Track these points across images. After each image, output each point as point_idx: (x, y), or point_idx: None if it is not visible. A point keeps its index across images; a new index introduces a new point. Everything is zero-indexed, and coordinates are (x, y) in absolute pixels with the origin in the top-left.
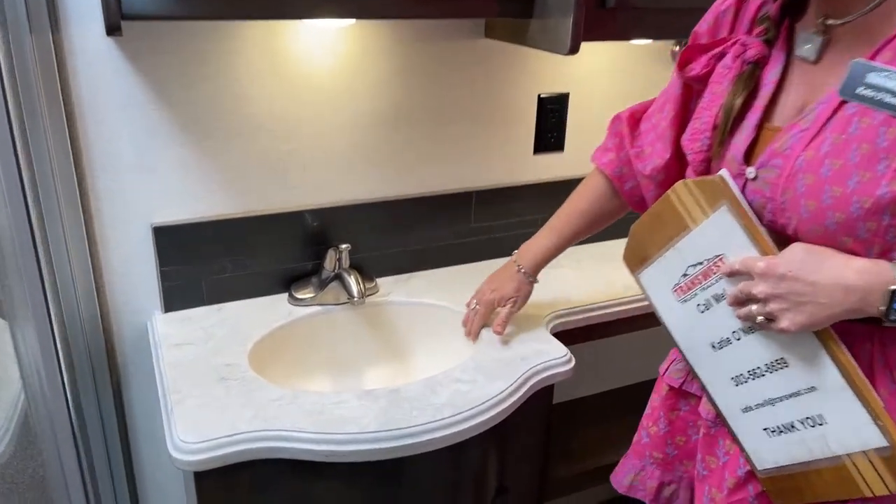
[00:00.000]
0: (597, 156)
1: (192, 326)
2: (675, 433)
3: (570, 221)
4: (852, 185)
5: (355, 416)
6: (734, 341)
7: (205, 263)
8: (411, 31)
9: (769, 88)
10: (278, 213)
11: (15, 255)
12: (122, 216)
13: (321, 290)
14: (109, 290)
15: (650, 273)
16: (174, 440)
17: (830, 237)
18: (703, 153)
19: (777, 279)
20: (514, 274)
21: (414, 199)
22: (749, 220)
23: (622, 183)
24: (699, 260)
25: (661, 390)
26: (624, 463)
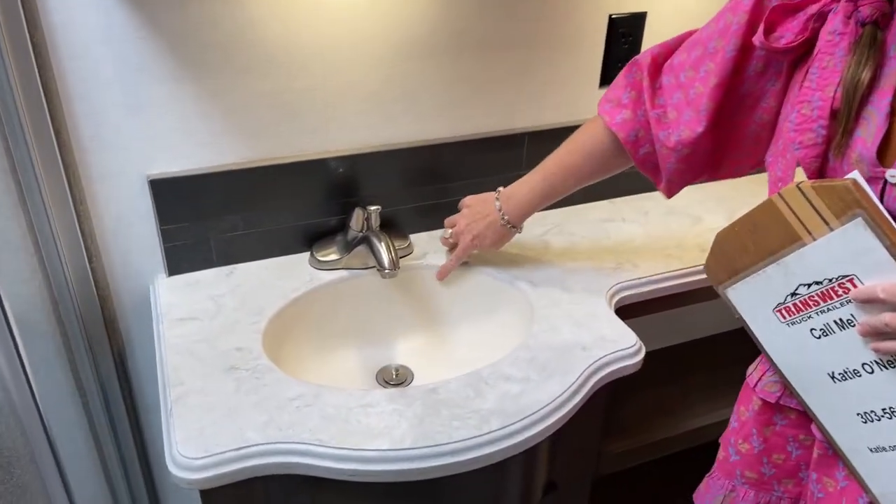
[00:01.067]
0: (607, 109)
1: (199, 294)
2: (771, 451)
3: (564, 176)
4: None
5: (386, 425)
6: (865, 374)
7: (212, 220)
8: None
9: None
10: (296, 162)
11: None
12: (112, 168)
13: (347, 253)
14: (104, 254)
15: (742, 289)
16: (173, 454)
17: None
18: (818, 147)
19: None
20: (497, 224)
21: (455, 143)
22: (893, 236)
23: (636, 147)
24: (817, 279)
25: (750, 403)
26: (709, 483)
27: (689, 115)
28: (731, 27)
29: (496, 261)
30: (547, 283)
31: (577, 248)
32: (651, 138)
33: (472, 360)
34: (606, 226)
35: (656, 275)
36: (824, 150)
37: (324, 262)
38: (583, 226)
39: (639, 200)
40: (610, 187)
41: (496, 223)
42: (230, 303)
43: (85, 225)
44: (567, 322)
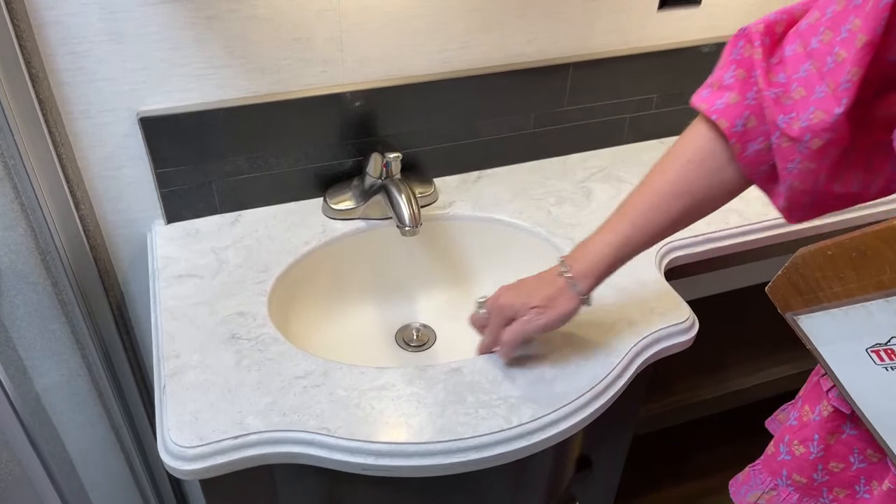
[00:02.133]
0: (704, 96)
1: (200, 245)
2: (830, 458)
3: (653, 209)
4: None
5: (402, 413)
6: None
7: (214, 162)
8: None
9: None
10: (307, 97)
11: None
12: (96, 105)
13: (364, 202)
14: (94, 199)
15: (824, 320)
16: (165, 441)
17: None
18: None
19: None
20: (553, 279)
21: (487, 75)
22: None
23: (744, 142)
24: None
25: (818, 406)
26: (750, 475)
27: (822, 92)
28: None
29: (530, 212)
30: None
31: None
32: (766, 129)
33: None
34: None
35: (713, 232)
36: None
37: (338, 210)
38: (631, 170)
39: None
40: (659, 125)
41: (552, 277)
42: (233, 258)
43: (69, 169)
44: (610, 289)
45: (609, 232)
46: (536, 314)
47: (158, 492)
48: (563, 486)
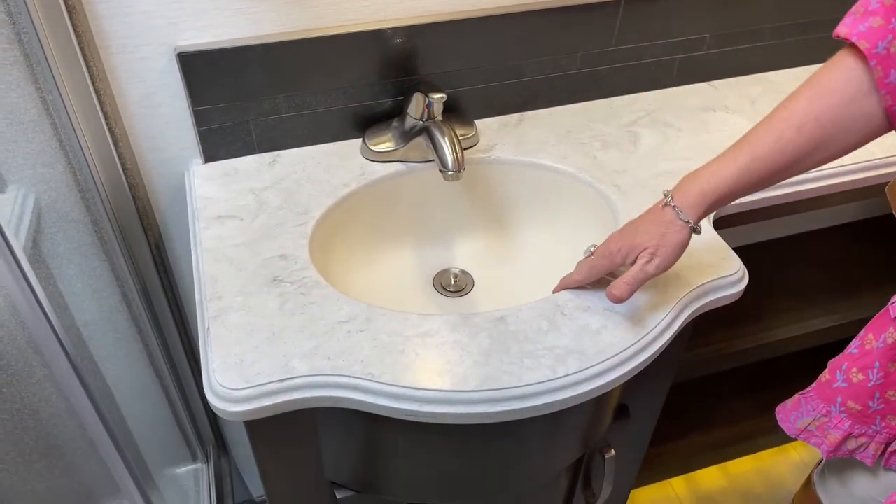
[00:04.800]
0: (847, 24)
1: (238, 186)
2: (889, 386)
3: (778, 139)
4: None
5: (447, 361)
6: None
7: (252, 101)
8: None
9: None
10: (346, 33)
11: None
12: (134, 40)
13: (404, 144)
14: (132, 136)
15: None
16: (211, 381)
17: None
18: None
19: None
20: (659, 213)
21: (534, 12)
22: None
23: (886, 67)
24: None
25: (883, 334)
26: (801, 401)
27: None
28: None
29: (574, 157)
30: (635, 187)
31: (673, 144)
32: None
33: (540, 272)
34: (706, 116)
35: None
36: None
37: (378, 152)
38: (679, 114)
39: (745, 84)
40: (710, 67)
41: (658, 212)
42: (273, 199)
43: (107, 105)
44: None
45: (726, 161)
46: (648, 257)
47: (196, 424)
48: (600, 434)
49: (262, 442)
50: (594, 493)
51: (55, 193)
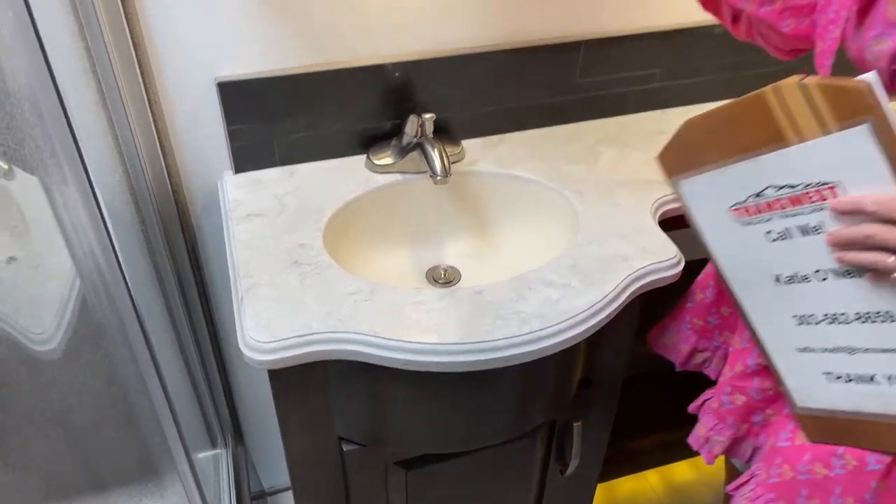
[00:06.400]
0: None
1: (263, 192)
2: (721, 303)
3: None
4: None
5: (435, 322)
6: (815, 280)
7: (276, 122)
8: None
9: None
10: (355, 67)
11: (41, 110)
12: (183, 70)
13: (401, 158)
14: (176, 149)
15: (700, 182)
16: (245, 337)
17: None
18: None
19: None
20: None
21: (509, 51)
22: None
23: None
24: (791, 182)
25: None
26: (663, 324)
27: None
28: None
29: (544, 169)
30: (594, 193)
31: (628, 160)
32: None
33: (517, 265)
34: (658, 137)
35: None
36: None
37: (379, 165)
38: (635, 137)
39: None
40: (661, 97)
41: None
42: (292, 202)
43: (159, 122)
44: (611, 233)
45: None
46: None
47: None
48: (567, 400)
49: (283, 394)
50: (566, 463)
51: (111, 198)
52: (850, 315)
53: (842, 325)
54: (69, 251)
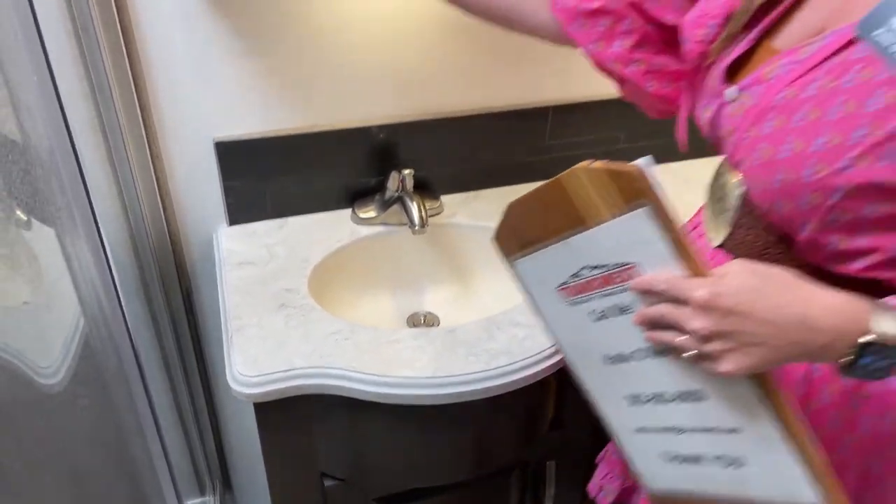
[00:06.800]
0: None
1: (255, 243)
2: None
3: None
4: (817, 145)
5: (410, 357)
6: (635, 360)
7: (268, 178)
8: None
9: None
10: (342, 129)
11: (59, 169)
12: (184, 131)
13: (384, 211)
14: (176, 204)
15: (529, 264)
16: (233, 372)
17: (771, 195)
18: (704, 45)
19: (722, 314)
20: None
21: (485, 115)
22: (677, 229)
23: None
24: (600, 263)
25: None
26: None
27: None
28: None
29: None
30: None
31: None
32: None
33: (492, 310)
34: None
35: None
36: (709, 50)
37: (363, 218)
38: None
39: None
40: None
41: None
42: (281, 251)
43: (161, 178)
44: None
45: None
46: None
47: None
48: (539, 438)
49: (267, 428)
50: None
51: (114, 245)
52: (669, 394)
53: (665, 404)
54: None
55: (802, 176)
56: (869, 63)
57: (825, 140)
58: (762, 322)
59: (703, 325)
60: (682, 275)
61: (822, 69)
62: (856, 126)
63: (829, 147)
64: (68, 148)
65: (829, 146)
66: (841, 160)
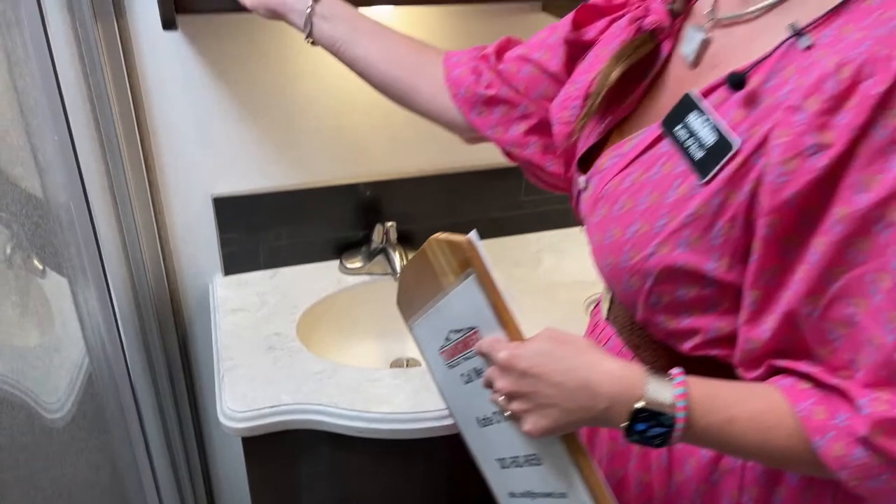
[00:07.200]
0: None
1: (247, 291)
2: None
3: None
4: (630, 232)
5: (389, 395)
6: (495, 422)
7: (262, 231)
8: (467, 7)
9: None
10: (332, 186)
11: (73, 223)
12: (185, 187)
13: (369, 261)
14: (175, 255)
15: (421, 326)
16: (223, 407)
17: (606, 278)
18: (569, 126)
19: (519, 375)
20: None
21: (464, 174)
22: (497, 295)
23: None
24: (459, 328)
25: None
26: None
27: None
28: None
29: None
30: (536, 292)
31: (565, 264)
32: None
33: None
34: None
35: None
36: (573, 129)
37: (350, 268)
38: (575, 246)
39: None
40: None
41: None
42: (272, 299)
43: (162, 231)
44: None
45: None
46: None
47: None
48: None
49: (255, 461)
50: None
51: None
52: (521, 458)
53: (519, 468)
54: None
55: (621, 261)
56: (670, 157)
57: (636, 228)
58: (552, 384)
59: (503, 385)
60: (505, 339)
61: (637, 162)
62: (659, 216)
63: (639, 235)
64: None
65: (639, 234)
66: (648, 247)
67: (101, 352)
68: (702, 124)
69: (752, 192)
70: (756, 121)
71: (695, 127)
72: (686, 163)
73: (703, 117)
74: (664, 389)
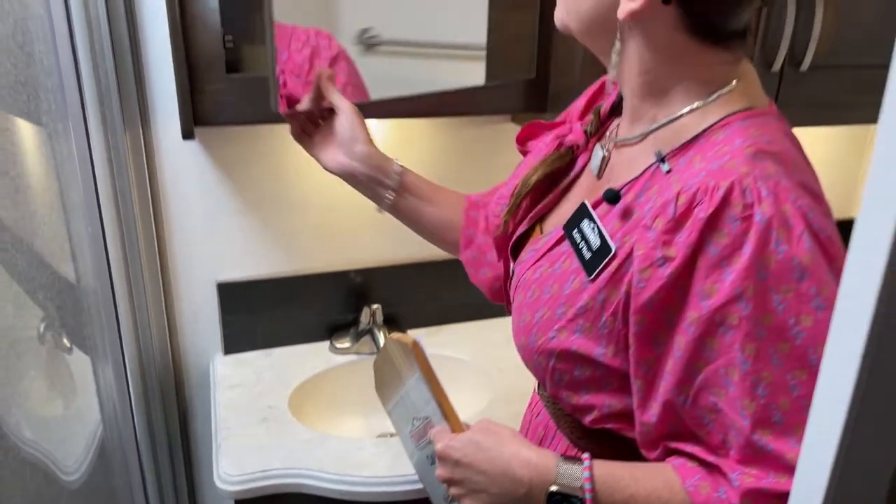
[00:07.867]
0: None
1: (245, 369)
2: None
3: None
4: (537, 318)
5: (371, 461)
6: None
7: (260, 314)
8: (446, 119)
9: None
10: (324, 273)
11: (98, 305)
12: (193, 274)
13: (357, 341)
14: (180, 335)
15: (394, 412)
16: (219, 472)
17: (522, 357)
18: (498, 218)
19: (453, 464)
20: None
21: (446, 262)
22: (440, 391)
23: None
24: (418, 416)
25: None
26: None
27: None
28: None
29: (472, 352)
30: (509, 370)
31: None
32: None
33: None
34: None
35: None
36: (500, 223)
37: (339, 348)
38: None
39: None
40: None
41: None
42: (267, 376)
43: (170, 313)
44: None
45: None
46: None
47: None
48: None
49: None
50: None
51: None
52: None
53: None
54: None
55: (530, 342)
56: (569, 255)
57: (541, 314)
58: (480, 472)
59: (440, 473)
60: (448, 429)
61: (546, 257)
62: (558, 304)
63: (544, 320)
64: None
65: (543, 319)
66: (550, 331)
67: (114, 421)
68: (591, 230)
69: (627, 293)
70: (627, 231)
71: (586, 232)
72: (578, 262)
73: (592, 224)
74: (573, 473)
